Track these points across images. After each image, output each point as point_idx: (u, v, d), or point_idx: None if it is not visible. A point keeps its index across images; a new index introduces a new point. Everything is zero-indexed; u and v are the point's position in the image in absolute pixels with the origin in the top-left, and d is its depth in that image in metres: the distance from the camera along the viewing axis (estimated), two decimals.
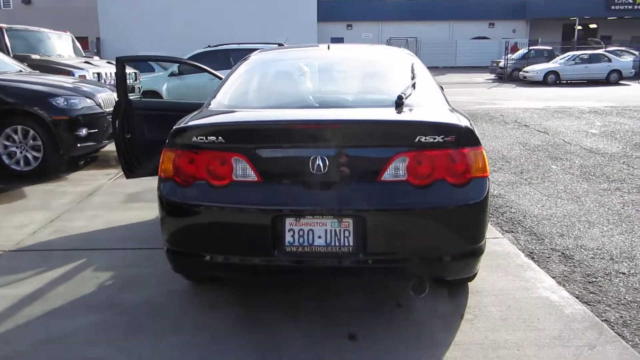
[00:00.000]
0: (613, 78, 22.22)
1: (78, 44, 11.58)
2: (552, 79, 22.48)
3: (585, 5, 37.64)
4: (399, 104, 2.61)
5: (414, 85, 2.86)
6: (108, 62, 10.54)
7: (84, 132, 6.49)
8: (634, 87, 20.19)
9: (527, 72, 23.44)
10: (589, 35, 39.40)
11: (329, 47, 3.58)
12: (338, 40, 40.09)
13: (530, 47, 28.05)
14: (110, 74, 9.52)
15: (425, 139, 2.35)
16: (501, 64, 26.08)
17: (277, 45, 12.52)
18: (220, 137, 2.40)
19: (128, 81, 10.16)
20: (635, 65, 22.76)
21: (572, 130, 9.35)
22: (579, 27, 37.25)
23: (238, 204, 2.40)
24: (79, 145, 6.49)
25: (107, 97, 7.00)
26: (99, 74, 9.36)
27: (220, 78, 5.03)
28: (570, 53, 24.03)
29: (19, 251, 3.94)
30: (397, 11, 42.16)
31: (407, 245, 2.40)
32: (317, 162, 2.36)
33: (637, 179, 5.94)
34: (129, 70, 10.35)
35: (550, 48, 27.97)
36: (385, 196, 2.37)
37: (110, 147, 7.74)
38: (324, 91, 2.98)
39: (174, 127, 2.53)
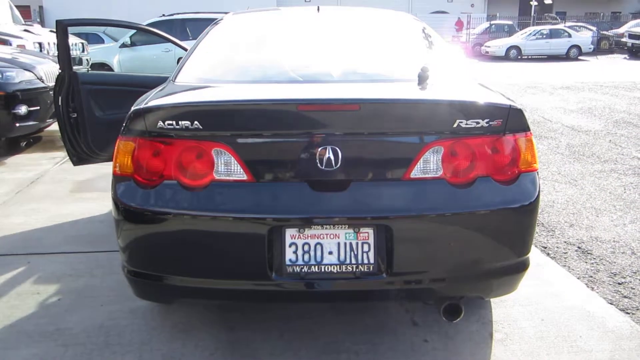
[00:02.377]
0: (573, 54, 22.38)
1: (16, 11, 10.43)
2: (514, 54, 22.45)
3: None
4: (422, 77, 2.05)
5: (432, 55, 2.31)
6: (51, 31, 9.50)
7: (23, 109, 5.65)
8: (594, 63, 20.34)
9: (489, 47, 23.32)
10: (544, 11, 39.69)
11: (318, 9, 2.96)
12: None
13: (492, 22, 27.94)
14: (54, 43, 8.52)
15: (467, 123, 1.81)
16: (463, 39, 25.88)
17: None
18: (196, 122, 1.78)
19: (74, 52, 9.20)
20: (593, 41, 22.95)
21: (549, 107, 9.07)
22: (535, 3, 37.41)
23: (222, 212, 1.81)
24: (17, 125, 5.66)
25: (50, 70, 6.14)
26: (40, 44, 8.36)
27: (184, 48, 4.35)
28: (532, 28, 24.03)
29: None
30: None
31: (442, 261, 1.88)
32: (327, 155, 1.79)
33: (628, 159, 5.65)
34: (75, 40, 9.36)
35: (511, 23, 27.99)
36: (416, 198, 1.83)
37: (56, 126, 6.91)
38: (322, 63, 2.35)
39: (132, 109, 1.89)
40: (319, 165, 1.80)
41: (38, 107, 5.83)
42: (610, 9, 41.16)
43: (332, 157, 1.79)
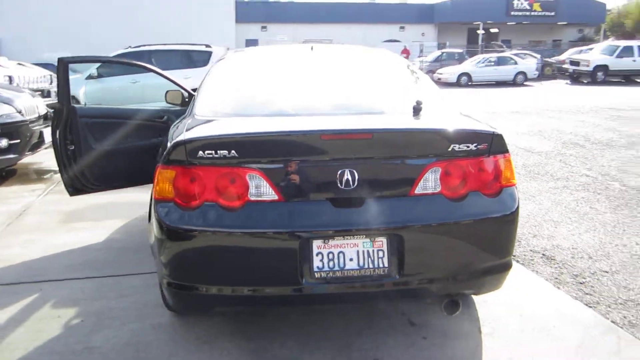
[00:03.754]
0: (519, 79, 23.73)
1: None
2: (465, 81, 23.59)
3: (488, 10, 39.97)
4: (417, 109, 2.43)
5: (419, 89, 2.70)
6: (19, 64, 9.50)
7: (3, 143, 5.73)
8: (539, 88, 21.66)
9: (441, 73, 24.41)
10: (491, 39, 41.93)
11: (312, 48, 3.32)
12: (252, 41, 39.57)
13: (443, 50, 29.30)
14: (24, 77, 8.57)
15: (459, 147, 2.19)
16: (417, 66, 27.03)
17: (204, 46, 12.06)
18: (233, 151, 2.08)
19: (44, 84, 9.24)
20: (538, 67, 24.44)
21: (504, 130, 9.72)
22: (482, 32, 39.53)
23: (257, 228, 2.10)
24: None
25: (28, 103, 6.24)
26: (10, 77, 8.37)
27: (179, 85, 4.60)
28: (481, 56, 25.38)
29: None
30: (312, 13, 42.40)
31: (443, 263, 2.23)
32: (346, 177, 2.12)
33: (578, 176, 6.23)
34: (44, 72, 9.40)
35: (461, 51, 29.42)
36: (420, 211, 2.18)
37: (30, 159, 6.94)
38: (327, 97, 2.70)
39: (174, 141, 2.16)
40: (339, 185, 2.13)
41: (18, 140, 5.91)
42: (552, 37, 43.89)
43: (350, 178, 2.12)
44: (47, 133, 6.51)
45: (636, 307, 3.01)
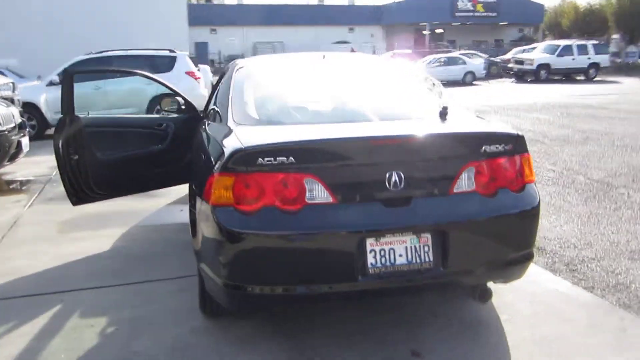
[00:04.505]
0: (468, 79, 24.68)
1: None
2: None
3: (433, 11, 41.29)
4: (443, 114, 2.65)
5: (435, 95, 2.93)
6: None
7: None
8: (488, 87, 22.64)
9: None
10: (436, 40, 43.29)
11: (324, 57, 3.49)
12: (202, 44, 39.13)
13: (395, 51, 30.02)
14: None
15: (490, 148, 2.43)
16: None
17: (168, 51, 11.92)
18: (291, 157, 2.22)
19: (6, 92, 8.91)
20: (485, 67, 25.50)
21: None
22: (427, 32, 40.78)
23: (315, 229, 2.25)
24: None
25: (5, 113, 6.07)
26: None
27: (178, 94, 4.62)
28: (431, 56, 26.18)
29: None
30: (261, 16, 42.34)
31: (480, 255, 2.46)
32: (394, 179, 2.31)
33: (545, 171, 6.68)
34: (5, 80, 9.07)
35: (410, 52, 30.19)
36: (459, 208, 2.40)
37: (4, 169, 6.72)
38: (358, 104, 2.88)
39: (232, 149, 2.27)
40: (387, 186, 2.32)
41: None
42: (494, 37, 45.78)
43: (397, 180, 2.31)
44: (25, 143, 6.36)
45: (626, 289, 3.35)
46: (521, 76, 24.75)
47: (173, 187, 4.65)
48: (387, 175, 2.31)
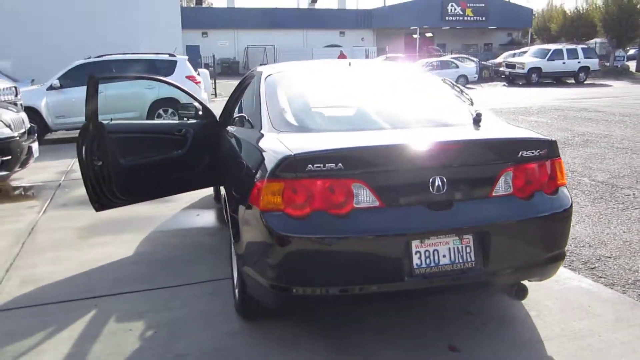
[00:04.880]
0: (461, 82, 24.85)
1: None
2: None
3: (423, 16, 41.62)
4: (477, 121, 2.74)
5: (465, 102, 3.01)
6: None
7: None
8: (481, 91, 22.85)
9: None
10: (427, 44, 43.65)
11: (350, 64, 3.57)
12: (193, 48, 39.04)
13: (387, 55, 30.25)
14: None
15: (526, 153, 2.52)
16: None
17: (168, 55, 11.95)
18: (340, 164, 2.30)
19: (9, 97, 8.88)
20: (477, 71, 25.77)
21: None
22: (417, 36, 41.10)
23: (363, 232, 2.33)
24: None
25: (15, 118, 6.09)
26: None
27: (196, 99, 4.67)
28: (424, 60, 26.41)
29: (1, 311, 3.28)
30: (253, 19, 42.41)
31: (518, 254, 2.55)
32: (437, 183, 2.39)
33: None
34: (8, 84, 9.03)
35: (403, 56, 30.43)
36: (499, 210, 2.49)
37: (13, 175, 6.71)
38: (393, 111, 2.97)
39: (283, 155, 2.34)
40: (431, 190, 2.40)
41: (10, 157, 5.76)
42: (483, 41, 46.26)
43: (440, 184, 2.40)
44: (35, 148, 6.36)
45: None
46: (512, 80, 25.06)
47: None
48: (431, 179, 2.40)
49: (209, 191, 5.77)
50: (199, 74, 12.38)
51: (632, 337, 2.78)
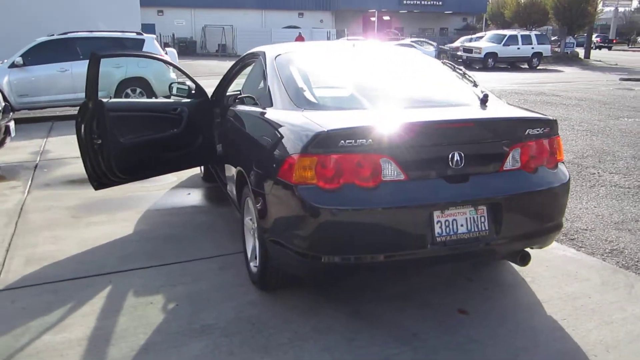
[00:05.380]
0: None
1: None
2: None
3: None
4: (484, 101, 2.96)
5: (470, 84, 3.23)
6: None
7: None
8: None
9: None
10: (384, 27, 44.00)
11: (354, 45, 3.71)
12: (149, 26, 37.83)
13: (348, 38, 30.36)
14: None
15: (532, 131, 2.76)
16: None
17: (135, 34, 11.66)
18: (370, 139, 2.45)
19: None
20: (436, 55, 26.26)
21: None
22: (374, 19, 41.35)
23: (391, 204, 2.50)
24: None
25: None
26: None
27: (190, 78, 4.68)
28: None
29: (12, 289, 3.28)
30: None
31: (525, 223, 2.80)
32: (456, 158, 2.59)
33: None
34: None
35: (363, 38, 30.60)
36: (509, 183, 2.72)
37: None
38: (406, 91, 3.16)
39: (316, 132, 2.47)
40: (450, 164, 2.60)
41: None
42: (439, 25, 47.04)
43: (458, 159, 2.60)
44: (12, 127, 6.18)
45: (621, 254, 3.81)
46: (469, 64, 25.67)
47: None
48: (450, 155, 2.59)
49: (195, 170, 5.81)
50: (166, 53, 12.15)
51: (619, 297, 3.10)
